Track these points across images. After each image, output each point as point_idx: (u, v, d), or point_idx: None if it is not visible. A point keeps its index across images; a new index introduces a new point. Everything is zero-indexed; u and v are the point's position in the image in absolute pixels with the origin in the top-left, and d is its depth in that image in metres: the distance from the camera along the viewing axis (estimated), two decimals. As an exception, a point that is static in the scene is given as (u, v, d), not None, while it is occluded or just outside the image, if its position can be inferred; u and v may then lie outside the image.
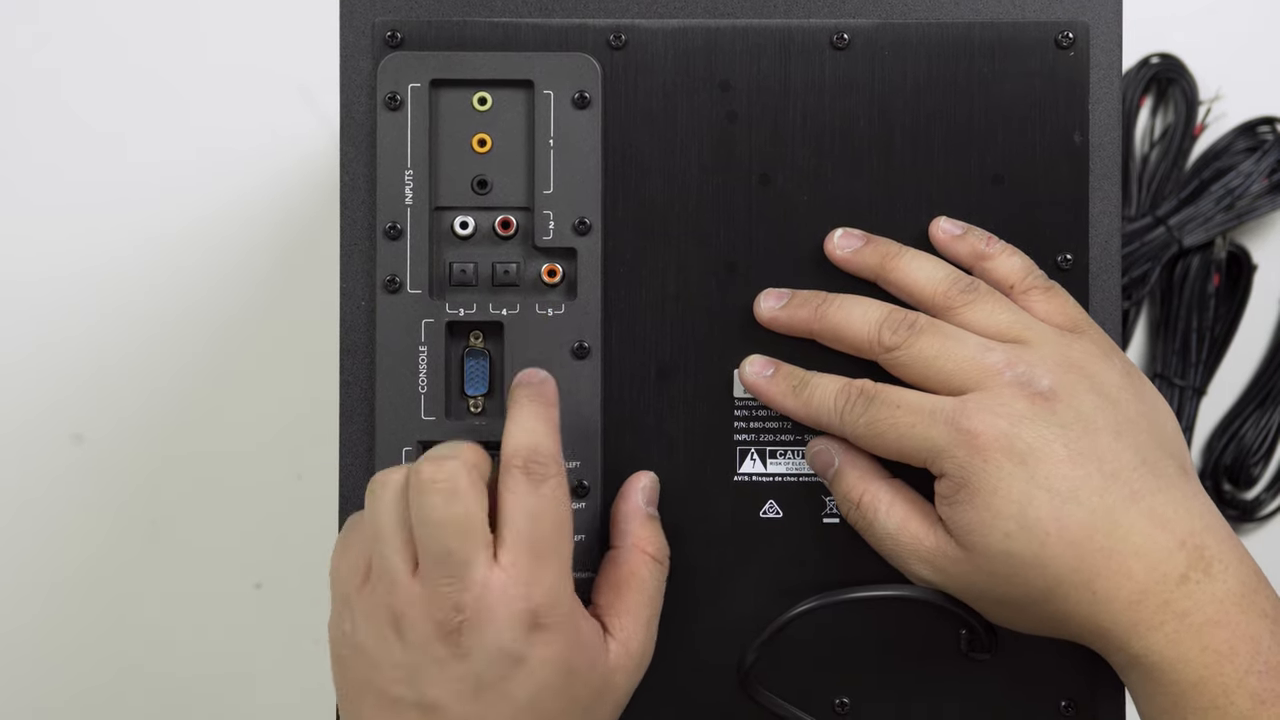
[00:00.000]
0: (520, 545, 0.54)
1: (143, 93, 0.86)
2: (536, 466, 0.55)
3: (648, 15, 0.62)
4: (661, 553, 0.60)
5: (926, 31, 0.61)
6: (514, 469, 0.55)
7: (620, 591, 0.59)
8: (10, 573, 0.86)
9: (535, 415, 0.57)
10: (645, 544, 0.59)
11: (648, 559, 0.59)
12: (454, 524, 0.54)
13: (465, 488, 0.54)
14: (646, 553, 0.59)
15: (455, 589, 0.53)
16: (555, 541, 0.55)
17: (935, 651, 0.61)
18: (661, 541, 0.60)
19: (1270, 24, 0.87)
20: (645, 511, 0.60)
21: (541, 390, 0.58)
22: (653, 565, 0.59)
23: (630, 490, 0.60)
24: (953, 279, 0.59)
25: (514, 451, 0.56)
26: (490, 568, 0.54)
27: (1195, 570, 0.54)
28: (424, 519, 0.54)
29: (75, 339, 0.86)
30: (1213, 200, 0.83)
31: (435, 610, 0.54)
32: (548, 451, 0.56)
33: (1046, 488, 0.55)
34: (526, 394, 0.57)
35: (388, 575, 0.55)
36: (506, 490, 0.55)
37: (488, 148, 0.61)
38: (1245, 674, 0.53)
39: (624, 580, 0.59)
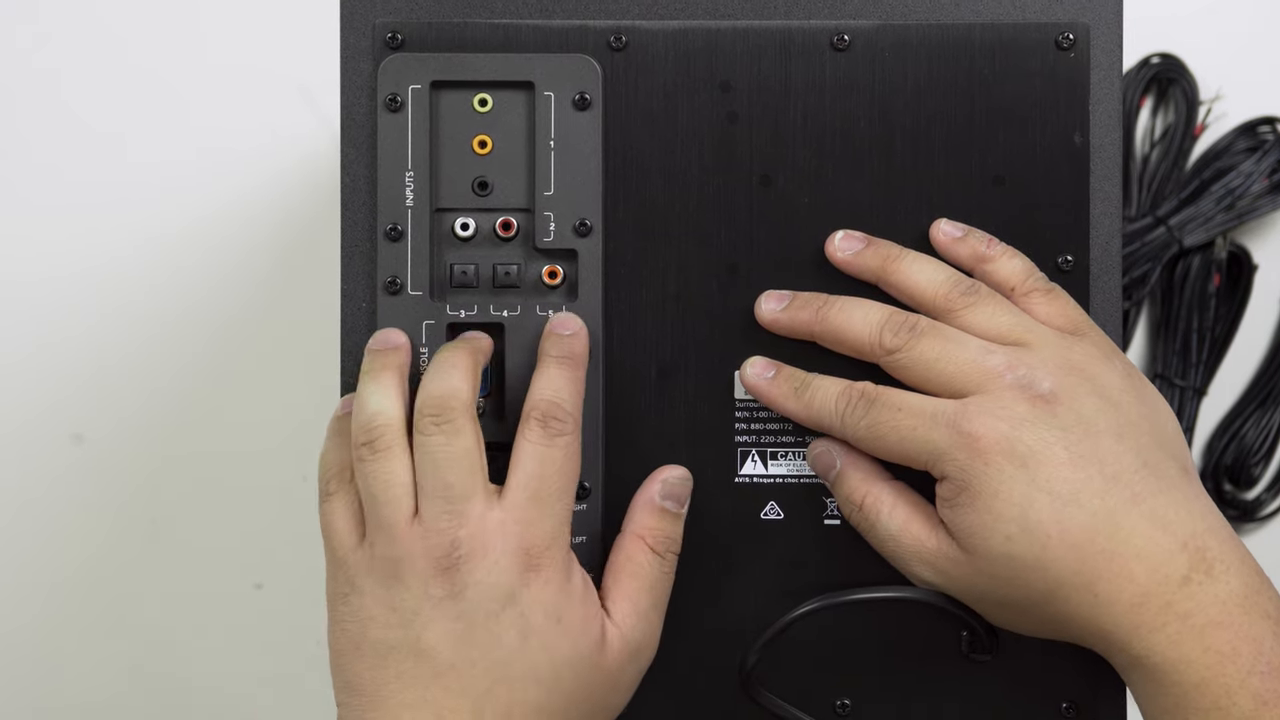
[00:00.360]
0: (524, 488, 0.57)
1: (143, 93, 0.86)
2: (554, 421, 0.57)
3: (648, 16, 0.62)
4: (664, 545, 0.60)
5: (927, 33, 0.61)
6: (532, 419, 0.58)
7: (617, 577, 0.59)
8: (10, 573, 0.86)
9: (561, 374, 0.58)
10: (646, 533, 0.60)
11: (645, 547, 0.59)
12: (455, 459, 0.56)
13: (466, 426, 0.56)
14: (645, 541, 0.59)
15: (453, 524, 0.56)
16: (558, 492, 0.57)
17: (936, 653, 0.61)
18: (668, 534, 0.60)
19: (1270, 24, 0.87)
20: (656, 502, 0.60)
21: (571, 346, 0.59)
22: (650, 555, 0.59)
23: (649, 480, 0.61)
24: (954, 281, 0.59)
25: (534, 404, 0.58)
26: (489, 505, 0.56)
27: (1197, 572, 0.54)
28: (426, 455, 0.56)
29: (75, 339, 0.86)
30: (1213, 200, 0.83)
31: (433, 547, 0.55)
32: (566, 408, 0.58)
33: (1048, 490, 0.55)
34: (555, 351, 0.59)
35: (385, 528, 0.56)
36: (521, 437, 0.57)
37: (488, 149, 0.61)
38: (1248, 675, 0.53)
39: (620, 566, 0.59)
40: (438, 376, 0.57)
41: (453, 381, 0.57)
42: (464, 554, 0.56)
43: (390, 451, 0.57)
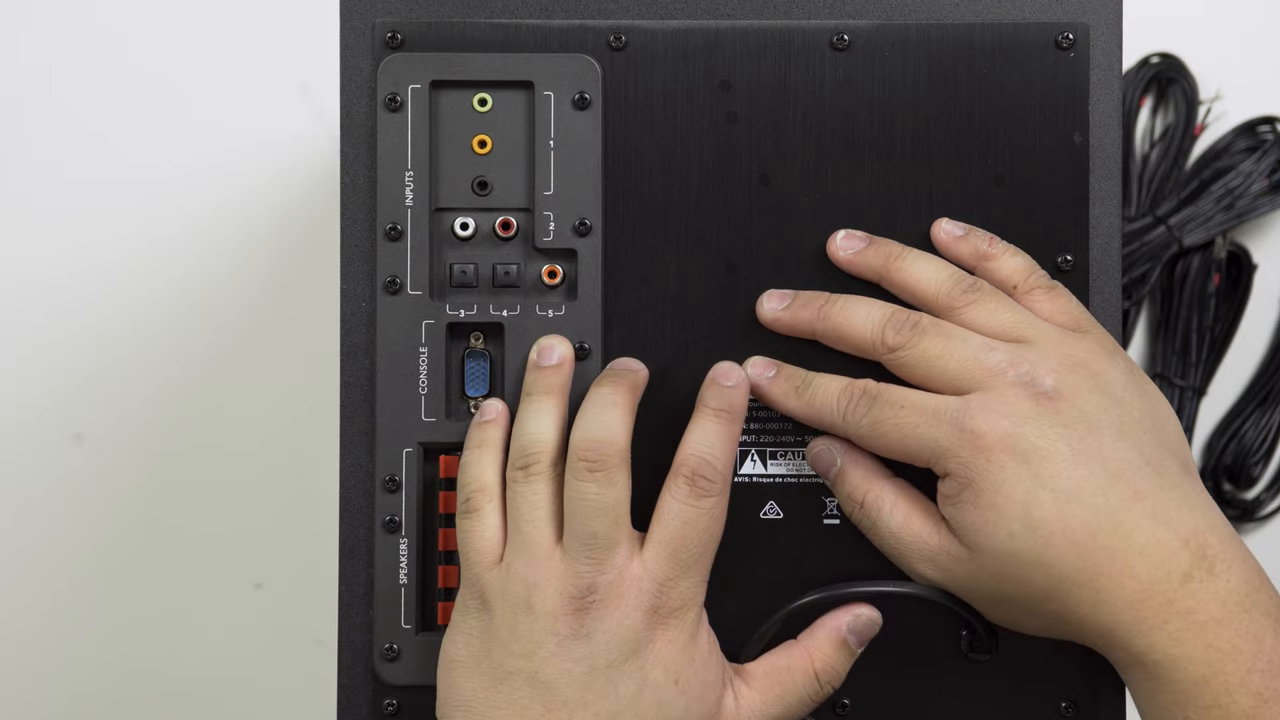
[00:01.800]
0: (665, 546, 0.56)
1: (143, 93, 0.86)
2: (703, 480, 0.57)
3: (648, 16, 0.62)
4: (826, 675, 0.59)
5: (926, 32, 0.61)
6: (681, 477, 0.57)
7: (769, 676, 0.59)
8: (11, 573, 0.86)
9: (716, 429, 0.58)
10: (817, 656, 0.59)
11: (811, 673, 0.59)
12: (605, 509, 0.56)
13: (619, 477, 0.57)
14: (813, 664, 0.59)
15: (594, 569, 0.56)
16: (699, 553, 0.57)
17: (936, 653, 0.61)
18: (837, 669, 0.59)
19: (1270, 24, 0.87)
20: (842, 634, 0.59)
21: (734, 403, 0.58)
22: (809, 678, 0.59)
23: (842, 611, 0.60)
24: (955, 279, 0.59)
25: (684, 459, 0.57)
26: (630, 557, 0.56)
27: (1198, 569, 0.54)
28: (577, 499, 0.56)
29: (75, 339, 0.86)
30: (1213, 200, 0.83)
31: (570, 585, 0.56)
32: (717, 467, 0.57)
33: (1050, 487, 0.55)
34: (715, 403, 0.58)
35: (525, 551, 0.57)
36: (669, 494, 0.57)
37: (488, 149, 0.61)
38: (1248, 672, 0.53)
39: (779, 667, 0.59)
40: (597, 417, 0.57)
41: (611, 427, 0.57)
42: (599, 599, 0.56)
43: (542, 478, 0.57)
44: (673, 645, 0.56)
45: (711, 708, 0.57)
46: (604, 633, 0.55)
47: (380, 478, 0.61)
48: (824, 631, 0.59)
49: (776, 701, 0.58)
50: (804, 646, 0.59)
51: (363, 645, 0.62)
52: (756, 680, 0.59)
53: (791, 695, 0.59)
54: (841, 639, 0.59)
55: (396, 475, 0.61)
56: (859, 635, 0.59)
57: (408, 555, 0.61)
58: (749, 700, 0.58)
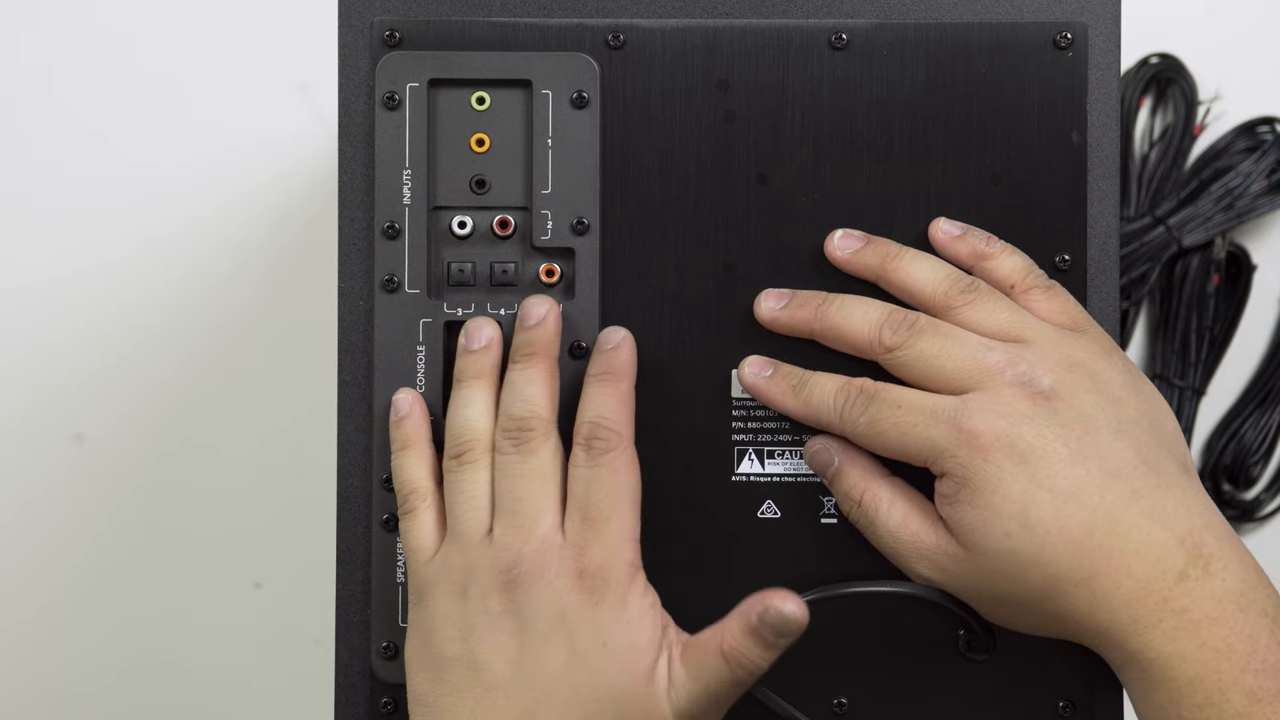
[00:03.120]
0: (577, 510, 0.57)
1: (142, 92, 0.86)
2: (598, 442, 0.58)
3: (646, 15, 0.62)
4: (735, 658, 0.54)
5: (925, 32, 0.61)
6: (577, 444, 0.58)
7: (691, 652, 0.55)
8: (10, 572, 0.86)
9: (602, 391, 0.59)
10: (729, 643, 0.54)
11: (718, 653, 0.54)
12: (527, 476, 0.57)
13: (541, 444, 0.58)
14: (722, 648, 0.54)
15: (518, 540, 0.57)
16: (610, 510, 0.57)
17: (933, 652, 0.61)
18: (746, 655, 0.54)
19: (1270, 24, 0.87)
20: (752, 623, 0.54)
21: (613, 364, 0.59)
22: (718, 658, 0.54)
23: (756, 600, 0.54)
24: (953, 279, 0.59)
25: (578, 427, 0.59)
26: (554, 528, 0.57)
27: (1194, 568, 0.54)
28: (502, 473, 0.58)
29: (75, 338, 0.86)
30: (1212, 200, 0.83)
31: (497, 561, 0.57)
32: (610, 425, 0.58)
33: (1048, 487, 0.55)
34: (596, 369, 0.60)
35: (460, 539, 0.58)
36: (571, 464, 0.58)
37: (486, 147, 0.61)
38: (1242, 671, 0.53)
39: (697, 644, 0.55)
40: (514, 395, 0.59)
41: (529, 400, 0.58)
42: (524, 571, 0.56)
43: (475, 465, 0.59)
44: (599, 608, 0.56)
45: (643, 672, 0.55)
46: (530, 604, 0.56)
47: (378, 476, 0.61)
48: (737, 613, 0.54)
49: (696, 678, 0.55)
50: (720, 624, 0.55)
51: (360, 644, 0.62)
52: (684, 652, 0.56)
53: (707, 674, 0.55)
54: (751, 626, 0.54)
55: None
56: (772, 628, 0.53)
57: (405, 554, 0.61)
58: (676, 672, 0.56)
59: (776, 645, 0.54)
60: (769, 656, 0.54)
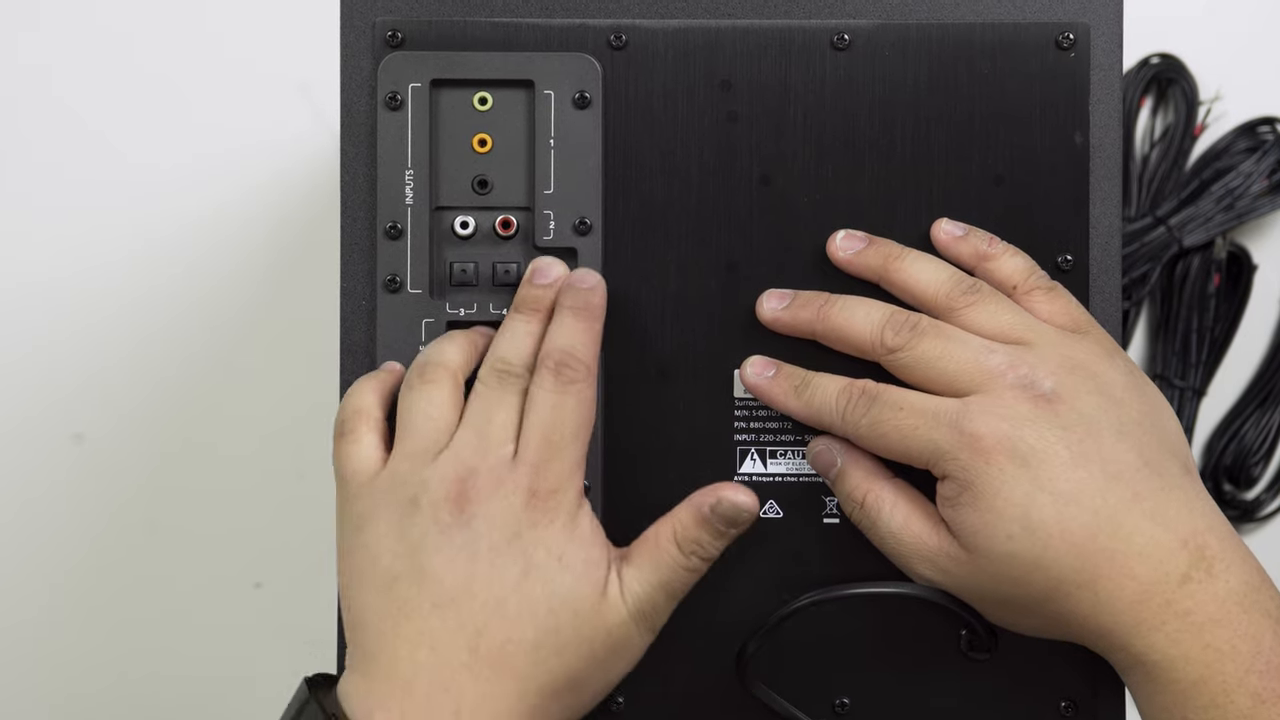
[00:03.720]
0: (537, 430, 0.57)
1: (143, 93, 0.86)
2: (567, 370, 0.58)
3: (648, 15, 0.62)
4: (688, 545, 0.58)
5: (927, 32, 0.61)
6: (545, 368, 0.58)
7: (638, 548, 0.59)
8: (10, 572, 0.86)
9: (576, 325, 0.59)
10: (681, 530, 0.59)
11: (671, 540, 0.58)
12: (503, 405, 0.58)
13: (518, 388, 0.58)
14: (675, 535, 0.59)
15: (478, 455, 0.57)
16: (570, 437, 0.57)
17: (935, 652, 0.61)
18: (697, 540, 0.58)
19: (1270, 24, 0.87)
20: (704, 513, 0.58)
21: (591, 303, 0.59)
22: (674, 550, 0.58)
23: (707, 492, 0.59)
24: (955, 280, 0.59)
25: (548, 352, 0.58)
26: (511, 455, 0.57)
27: (1197, 570, 0.54)
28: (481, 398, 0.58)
29: (76, 338, 0.86)
30: (1213, 200, 0.83)
31: (451, 473, 0.57)
32: (580, 357, 0.58)
33: (1049, 490, 0.55)
34: (571, 302, 0.59)
35: (414, 456, 0.57)
36: (535, 385, 0.58)
37: (488, 148, 0.61)
38: (1246, 673, 0.53)
39: (645, 540, 0.59)
40: (510, 339, 0.59)
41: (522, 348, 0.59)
42: (479, 485, 0.56)
43: (439, 384, 0.58)
44: (553, 525, 0.57)
45: (598, 584, 0.57)
46: (484, 517, 0.56)
47: (380, 476, 0.61)
48: (687, 505, 0.59)
49: (650, 569, 0.58)
50: (669, 516, 0.59)
51: None
52: (632, 554, 0.59)
53: (661, 562, 0.58)
54: (703, 516, 0.58)
55: (396, 474, 0.61)
56: (723, 517, 0.58)
57: (407, 554, 0.61)
58: (629, 575, 0.58)
59: (727, 534, 0.59)
60: (719, 545, 0.59)
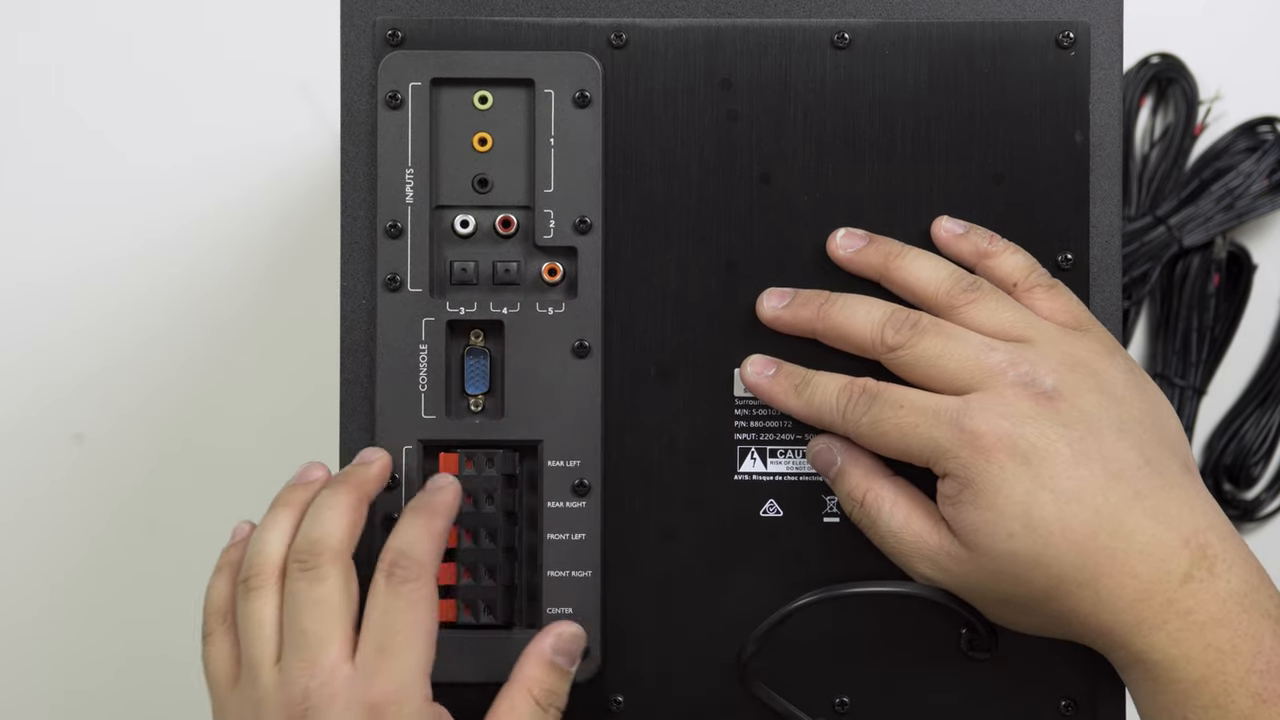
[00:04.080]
0: (370, 640, 0.55)
1: (144, 92, 0.86)
2: (399, 570, 0.56)
3: (649, 14, 0.62)
4: (547, 699, 0.57)
5: (927, 31, 0.61)
6: (379, 571, 0.56)
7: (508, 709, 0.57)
8: (11, 572, 0.86)
9: (414, 523, 0.57)
10: (533, 684, 0.58)
11: (530, 699, 0.57)
12: (313, 605, 0.55)
13: (330, 572, 0.56)
14: (531, 693, 0.57)
15: (305, 674, 0.55)
16: (406, 642, 0.55)
17: (935, 651, 0.61)
18: (554, 689, 0.58)
19: (1270, 24, 0.87)
20: (547, 656, 0.58)
21: (432, 502, 0.58)
22: (533, 707, 0.57)
23: (544, 634, 0.59)
24: (955, 278, 0.59)
25: (384, 554, 0.57)
26: (342, 659, 0.55)
27: (1199, 569, 0.54)
28: (289, 599, 0.56)
29: (76, 338, 0.86)
30: (1213, 200, 0.83)
31: (286, 695, 0.55)
32: (415, 556, 0.56)
33: (1050, 488, 0.55)
34: (416, 504, 0.58)
35: (250, 669, 0.56)
36: (370, 592, 0.56)
37: (488, 146, 0.61)
38: (1247, 673, 0.53)
39: (503, 710, 0.57)
40: (312, 519, 0.57)
41: (324, 525, 0.56)
42: (313, 705, 0.54)
43: (262, 592, 0.57)
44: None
45: None
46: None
47: (380, 476, 0.61)
48: (531, 659, 0.58)
49: None
50: (515, 681, 0.58)
51: None
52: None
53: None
54: (549, 661, 0.58)
55: (396, 473, 0.61)
56: (567, 654, 0.58)
57: (407, 553, 0.61)
58: None
59: (569, 672, 0.58)
60: (567, 682, 0.58)
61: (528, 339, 0.61)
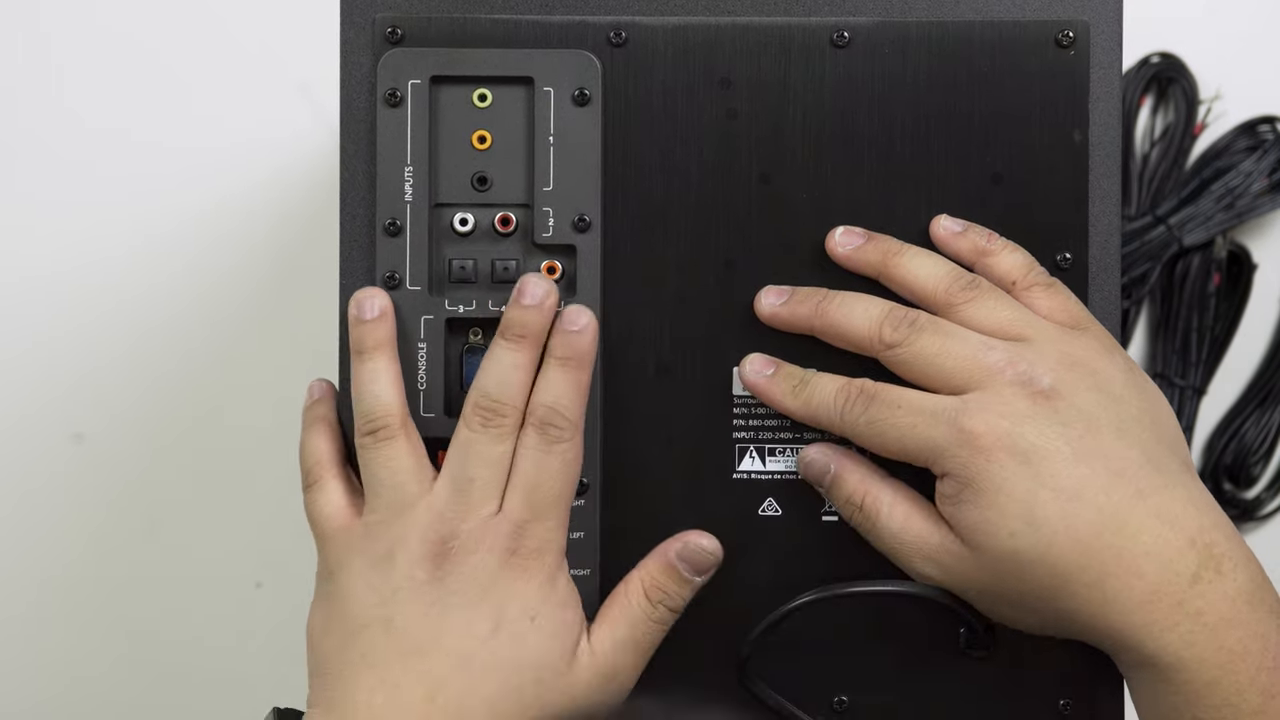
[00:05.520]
0: (521, 491, 0.57)
1: (143, 89, 0.86)
2: (552, 429, 0.58)
3: (648, 12, 0.62)
4: (659, 595, 0.59)
5: (927, 30, 0.61)
6: (531, 426, 0.58)
7: (607, 607, 0.59)
8: (10, 572, 0.86)
9: (564, 378, 0.58)
10: (648, 579, 0.59)
11: (640, 591, 0.59)
12: (488, 459, 0.57)
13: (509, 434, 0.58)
14: (643, 586, 0.59)
15: (459, 515, 0.57)
16: (554, 499, 0.58)
17: (934, 650, 0.61)
18: (669, 590, 0.59)
19: (1270, 24, 0.87)
20: (670, 559, 0.59)
21: (576, 347, 0.58)
22: (642, 600, 0.59)
23: (677, 537, 0.60)
24: (954, 276, 0.59)
25: (533, 408, 0.58)
26: (495, 510, 0.57)
27: (1207, 569, 0.54)
28: (464, 445, 0.58)
29: (75, 337, 0.86)
30: (1213, 199, 0.83)
31: (433, 531, 0.57)
32: (567, 414, 0.58)
33: (1052, 487, 0.55)
34: (561, 352, 0.59)
35: (387, 509, 0.57)
36: (521, 444, 0.58)
37: (488, 144, 0.61)
38: (1257, 670, 0.53)
39: (613, 598, 0.60)
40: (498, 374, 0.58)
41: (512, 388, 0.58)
42: (459, 545, 0.56)
43: (394, 441, 0.58)
44: (529, 585, 0.57)
45: (567, 648, 0.57)
46: (458, 575, 0.56)
47: (379, 474, 0.61)
48: (654, 557, 0.60)
49: (620, 624, 0.59)
50: (634, 574, 0.60)
51: None
52: (600, 616, 0.59)
53: (631, 615, 0.59)
54: (669, 563, 0.59)
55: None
56: (689, 563, 0.59)
57: (406, 551, 0.61)
58: (597, 635, 0.58)
59: (692, 582, 0.59)
60: (685, 593, 0.59)
61: (527, 337, 0.61)
